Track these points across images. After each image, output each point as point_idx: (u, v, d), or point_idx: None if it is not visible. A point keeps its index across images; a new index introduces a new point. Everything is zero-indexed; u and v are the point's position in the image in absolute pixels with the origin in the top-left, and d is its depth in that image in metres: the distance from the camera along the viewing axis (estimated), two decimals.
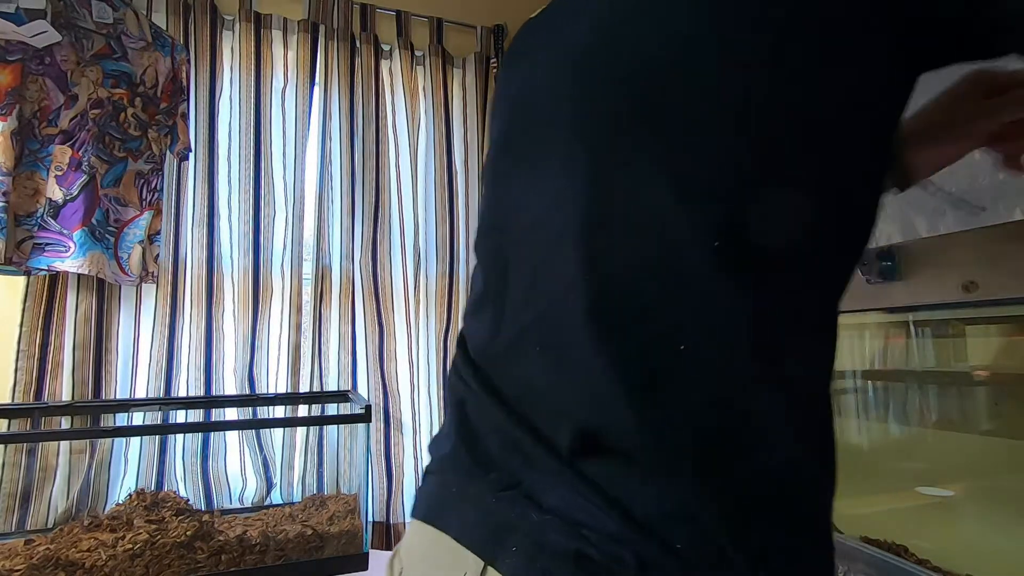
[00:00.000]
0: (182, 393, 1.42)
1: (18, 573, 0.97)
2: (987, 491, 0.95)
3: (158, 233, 1.42)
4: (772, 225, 0.38)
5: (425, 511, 0.50)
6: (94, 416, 1.31)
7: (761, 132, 0.39)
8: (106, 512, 1.20)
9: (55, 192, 1.24)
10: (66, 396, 1.30)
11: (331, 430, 1.52)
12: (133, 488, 1.28)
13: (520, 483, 0.43)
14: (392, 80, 1.77)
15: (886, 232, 1.23)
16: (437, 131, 1.79)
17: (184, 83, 1.47)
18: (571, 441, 0.41)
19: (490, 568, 0.40)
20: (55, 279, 1.34)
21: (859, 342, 1.18)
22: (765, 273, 0.39)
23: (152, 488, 1.32)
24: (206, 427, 1.46)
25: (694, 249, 0.38)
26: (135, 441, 1.36)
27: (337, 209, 1.64)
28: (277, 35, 1.64)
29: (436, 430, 1.81)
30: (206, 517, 1.14)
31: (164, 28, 1.48)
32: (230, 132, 1.57)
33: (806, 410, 0.41)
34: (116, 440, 1.33)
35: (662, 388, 0.39)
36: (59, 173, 1.24)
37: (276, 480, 1.46)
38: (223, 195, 1.54)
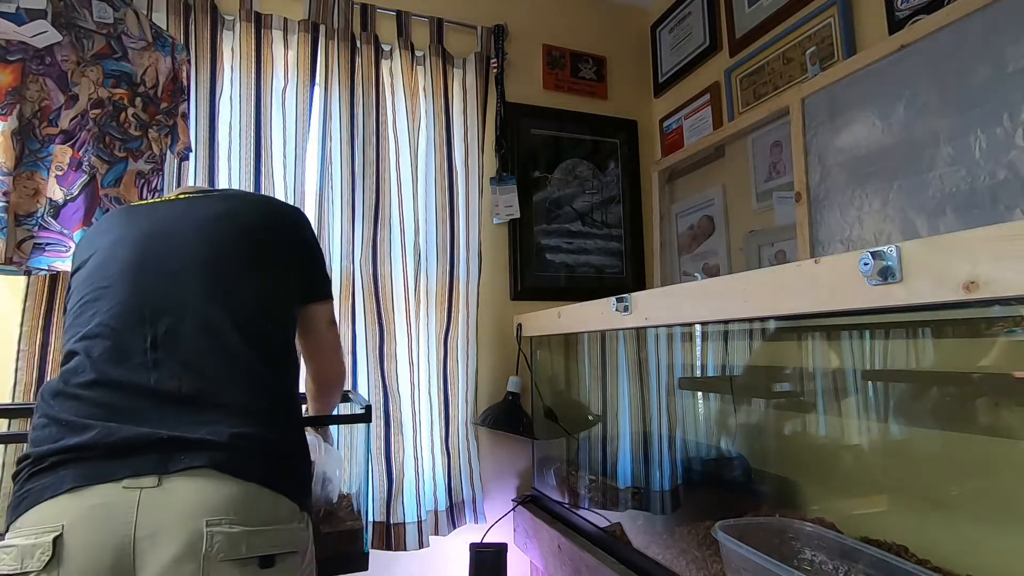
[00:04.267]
0: None
1: None
2: (987, 491, 0.95)
3: None
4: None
5: None
6: None
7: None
8: None
9: (55, 192, 1.24)
10: None
11: (331, 430, 1.52)
12: None
13: None
14: (392, 80, 1.77)
15: (886, 232, 1.23)
16: (437, 131, 1.79)
17: (184, 83, 1.47)
18: None
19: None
20: (55, 279, 1.34)
21: (859, 342, 1.18)
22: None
23: None
24: None
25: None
26: None
27: (337, 209, 1.64)
28: (277, 35, 1.64)
29: (436, 430, 1.81)
30: None
31: (164, 28, 1.48)
32: (230, 132, 1.57)
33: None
34: None
35: None
36: (59, 173, 1.24)
37: None
38: None
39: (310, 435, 1.24)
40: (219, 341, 0.83)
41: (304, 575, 0.83)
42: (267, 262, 0.94)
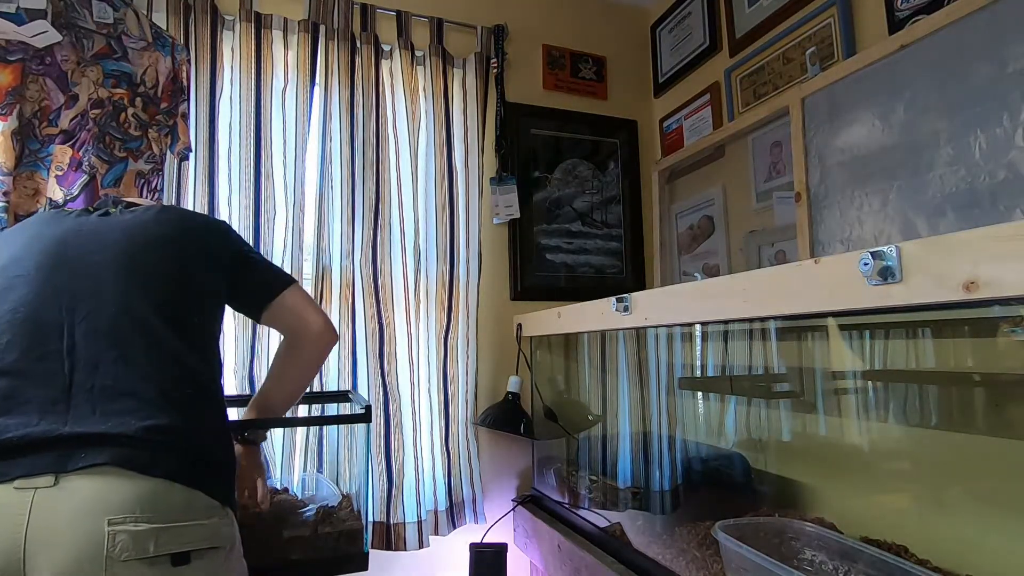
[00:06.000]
0: None
1: None
2: (986, 491, 0.95)
3: None
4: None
5: None
6: None
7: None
8: None
9: (55, 192, 1.24)
10: None
11: (331, 430, 1.52)
12: None
13: None
14: (392, 80, 1.77)
15: (886, 232, 1.23)
16: (437, 131, 1.79)
17: (184, 83, 1.47)
18: None
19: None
20: None
21: (859, 342, 1.18)
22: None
23: None
24: None
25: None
26: None
27: (337, 209, 1.64)
28: (277, 35, 1.64)
29: (436, 430, 1.81)
30: None
31: (164, 28, 1.48)
32: (230, 132, 1.57)
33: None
34: None
35: None
36: (59, 173, 1.24)
37: (276, 480, 1.46)
38: (223, 195, 1.54)
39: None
40: (141, 326, 0.81)
41: (231, 571, 0.79)
42: (193, 258, 0.93)
